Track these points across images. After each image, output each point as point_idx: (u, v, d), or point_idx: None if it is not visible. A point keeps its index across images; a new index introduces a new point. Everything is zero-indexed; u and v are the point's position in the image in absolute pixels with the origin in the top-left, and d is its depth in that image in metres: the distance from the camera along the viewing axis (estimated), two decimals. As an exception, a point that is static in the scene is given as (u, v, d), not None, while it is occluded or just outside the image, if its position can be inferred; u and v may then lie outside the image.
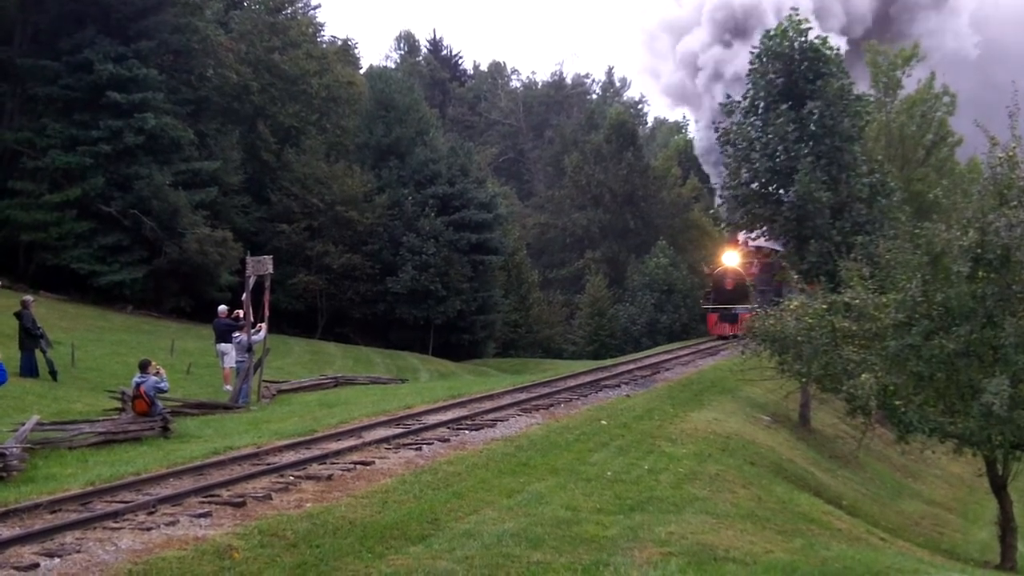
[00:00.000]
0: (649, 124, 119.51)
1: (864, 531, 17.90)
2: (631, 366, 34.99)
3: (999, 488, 21.57)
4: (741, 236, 49.90)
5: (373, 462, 16.35)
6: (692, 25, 77.27)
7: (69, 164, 44.12)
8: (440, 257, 54.63)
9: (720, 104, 32.69)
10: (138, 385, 19.74)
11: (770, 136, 30.72)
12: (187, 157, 48.29)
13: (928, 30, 71.51)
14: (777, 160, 30.59)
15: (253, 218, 53.69)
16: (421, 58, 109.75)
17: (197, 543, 11.31)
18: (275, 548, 11.45)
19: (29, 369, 25.25)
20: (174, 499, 13.30)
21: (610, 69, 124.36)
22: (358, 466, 16.01)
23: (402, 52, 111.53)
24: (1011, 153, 20.43)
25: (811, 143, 30.17)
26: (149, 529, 11.79)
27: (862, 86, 38.63)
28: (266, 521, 12.34)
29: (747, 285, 49.65)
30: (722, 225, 40.63)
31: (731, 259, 52.28)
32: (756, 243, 51.49)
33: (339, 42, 71.12)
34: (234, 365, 27.00)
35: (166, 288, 47.43)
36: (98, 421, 19.53)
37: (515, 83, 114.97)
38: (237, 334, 26.87)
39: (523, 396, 25.49)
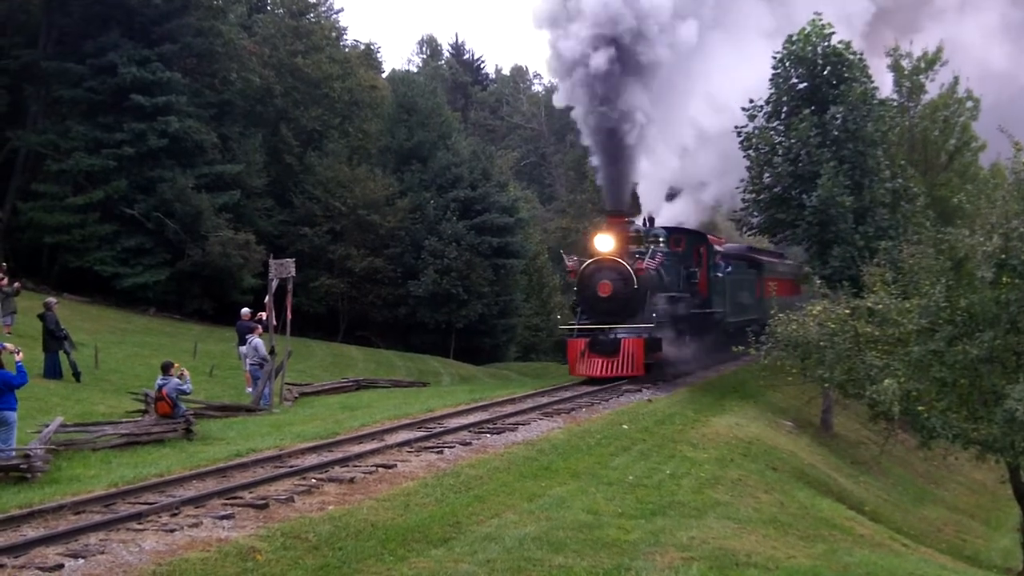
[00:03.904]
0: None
1: (886, 537, 17.82)
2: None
3: (1022, 495, 21.48)
4: (640, 216, 36.41)
5: (395, 465, 16.38)
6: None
7: (93, 167, 44.40)
8: (462, 261, 54.56)
9: (742, 108, 32.53)
10: (160, 387, 19.81)
11: (793, 141, 30.65)
12: (210, 160, 48.49)
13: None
14: (800, 165, 30.52)
15: (276, 221, 53.79)
16: (443, 62, 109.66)
17: (220, 545, 11.36)
18: (298, 550, 11.49)
19: (53, 371, 25.38)
20: (197, 501, 13.36)
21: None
22: (380, 469, 16.04)
23: (424, 56, 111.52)
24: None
25: (834, 148, 30.09)
26: (172, 531, 11.84)
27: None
28: (289, 523, 12.39)
29: (635, 289, 29.92)
30: (744, 230, 36.38)
31: (606, 245, 30.76)
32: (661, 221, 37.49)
33: (362, 46, 71.29)
34: (248, 369, 27.12)
35: (189, 290, 47.59)
36: (121, 423, 19.62)
37: (537, 87, 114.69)
38: (250, 336, 26.96)
39: (544, 400, 25.47)
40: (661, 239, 34.16)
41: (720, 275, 36.99)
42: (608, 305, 30.00)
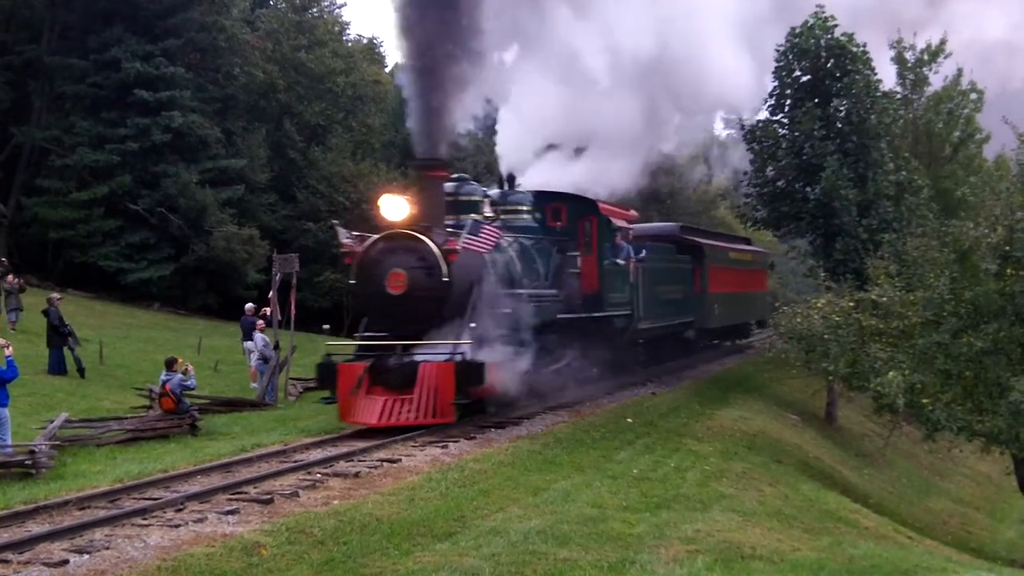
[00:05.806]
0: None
1: (891, 529, 17.83)
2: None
3: (1027, 487, 21.49)
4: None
5: (400, 460, 16.36)
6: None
7: (97, 162, 44.43)
8: (466, 255, 54.33)
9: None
10: (164, 383, 19.83)
11: (796, 133, 30.62)
12: (214, 155, 48.46)
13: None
14: (803, 157, 30.48)
15: (280, 216, 53.70)
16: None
17: (225, 540, 11.34)
18: (302, 545, 11.48)
19: (57, 367, 25.40)
20: (202, 496, 13.36)
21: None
22: (385, 463, 16.01)
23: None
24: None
25: (838, 140, 30.05)
26: (177, 526, 11.83)
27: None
28: (294, 518, 12.37)
29: (445, 282, 18.84)
30: (748, 223, 34.45)
31: (398, 211, 19.27)
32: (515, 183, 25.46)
33: (365, 41, 71.08)
34: (254, 364, 27.12)
35: (193, 286, 47.63)
36: (126, 418, 19.66)
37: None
38: (254, 331, 26.97)
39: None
40: (524, 208, 24.33)
41: (621, 262, 26.51)
42: (403, 309, 19.07)
